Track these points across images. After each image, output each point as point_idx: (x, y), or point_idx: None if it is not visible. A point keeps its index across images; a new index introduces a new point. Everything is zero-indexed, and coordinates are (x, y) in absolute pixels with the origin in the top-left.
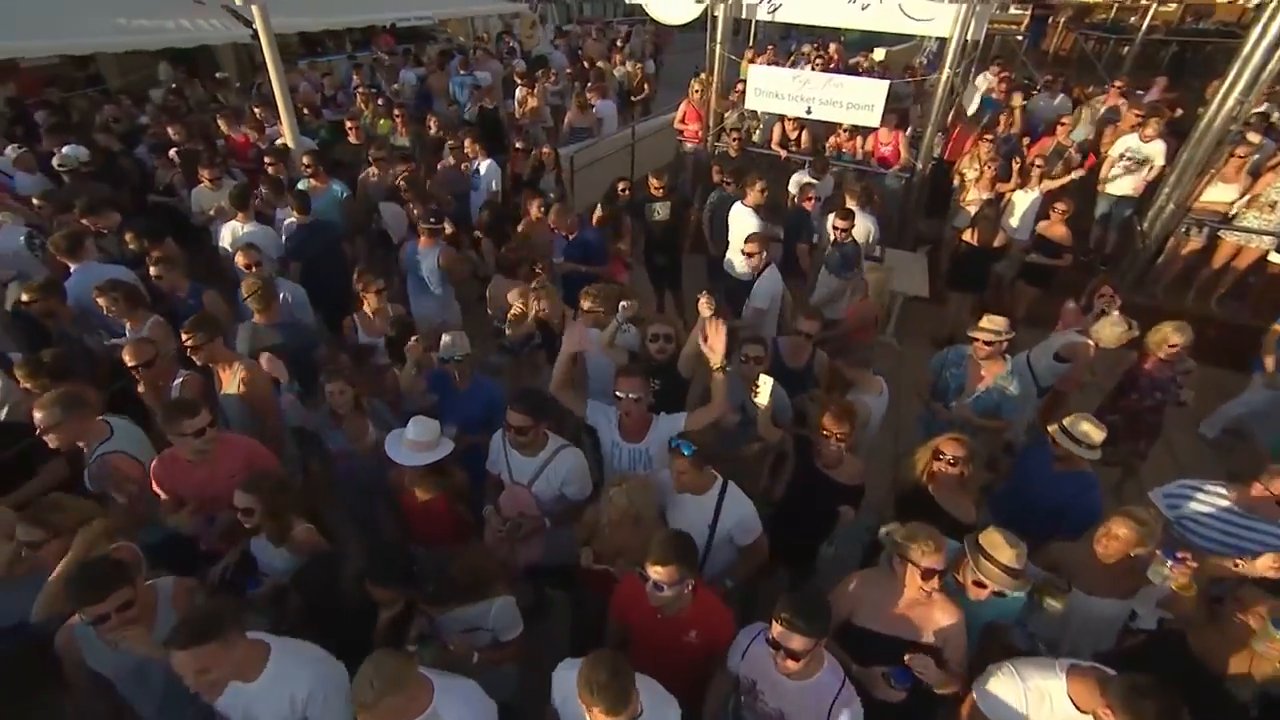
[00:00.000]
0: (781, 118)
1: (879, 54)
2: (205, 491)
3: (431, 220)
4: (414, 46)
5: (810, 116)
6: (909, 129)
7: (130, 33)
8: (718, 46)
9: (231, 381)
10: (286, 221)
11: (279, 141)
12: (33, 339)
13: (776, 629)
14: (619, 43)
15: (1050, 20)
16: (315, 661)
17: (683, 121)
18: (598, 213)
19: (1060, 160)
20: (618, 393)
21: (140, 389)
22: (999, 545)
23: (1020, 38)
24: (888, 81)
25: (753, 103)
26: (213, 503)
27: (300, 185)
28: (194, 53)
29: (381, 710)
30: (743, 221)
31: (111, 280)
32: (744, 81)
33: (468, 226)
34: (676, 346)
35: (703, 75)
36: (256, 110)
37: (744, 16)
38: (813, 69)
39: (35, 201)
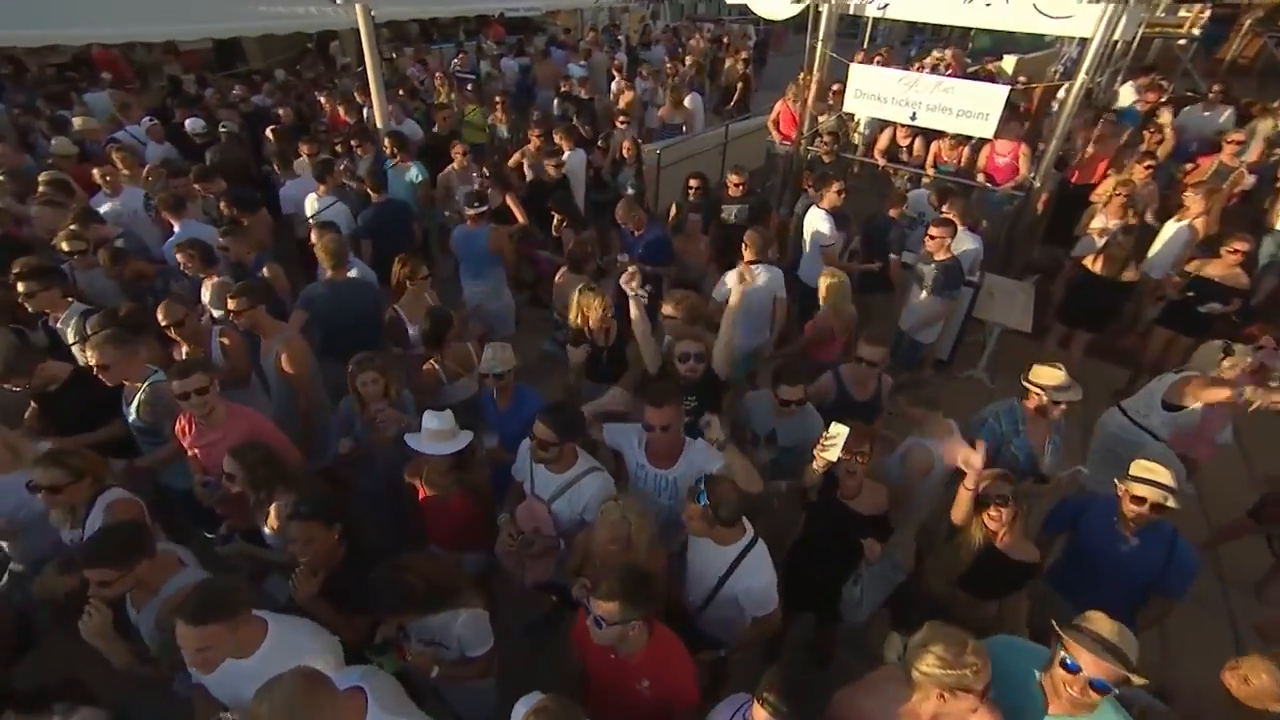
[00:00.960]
0: (893, 124)
1: (1009, 62)
2: (212, 455)
3: (475, 203)
4: (522, 37)
5: (914, 123)
6: (1037, 144)
7: (262, 18)
8: (819, 44)
9: (270, 350)
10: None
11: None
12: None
13: (759, 712)
14: (725, 40)
15: (1235, 23)
16: (313, 636)
17: (776, 122)
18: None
19: (1223, 183)
20: (649, 422)
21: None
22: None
23: (1186, 42)
24: (1006, 87)
25: (852, 105)
26: (217, 467)
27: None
28: (325, 37)
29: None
30: (814, 225)
31: (190, 239)
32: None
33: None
34: (708, 364)
35: (802, 75)
36: (357, 93)
37: (850, 13)
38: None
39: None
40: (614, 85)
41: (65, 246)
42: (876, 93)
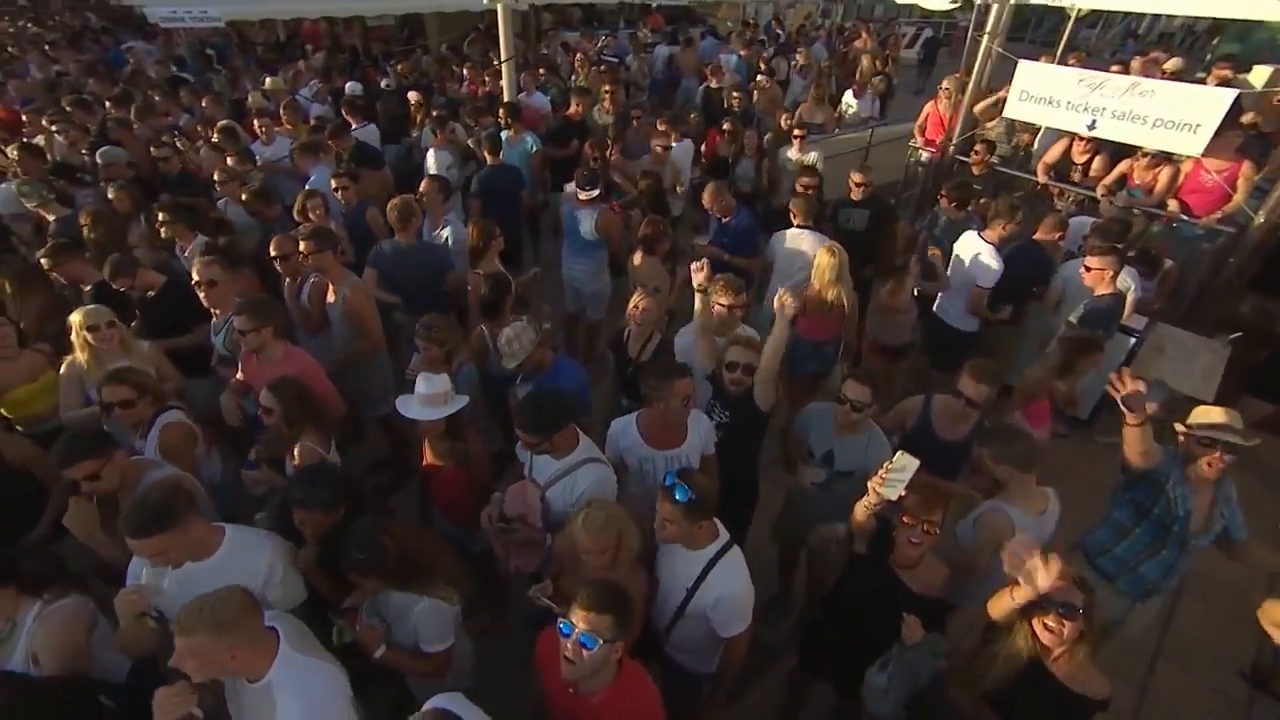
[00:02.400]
0: (1071, 135)
1: (1260, 74)
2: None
3: (588, 184)
4: (678, 26)
5: (1093, 133)
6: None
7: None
8: (984, 38)
9: (335, 293)
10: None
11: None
12: None
13: None
14: (891, 40)
15: None
16: (269, 543)
17: (923, 127)
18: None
19: None
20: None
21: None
22: None
23: None
24: (1232, 91)
25: (1015, 110)
26: None
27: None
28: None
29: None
30: (978, 259)
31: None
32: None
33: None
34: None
35: (957, 75)
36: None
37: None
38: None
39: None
40: (759, 79)
41: (217, 181)
42: (1047, 95)
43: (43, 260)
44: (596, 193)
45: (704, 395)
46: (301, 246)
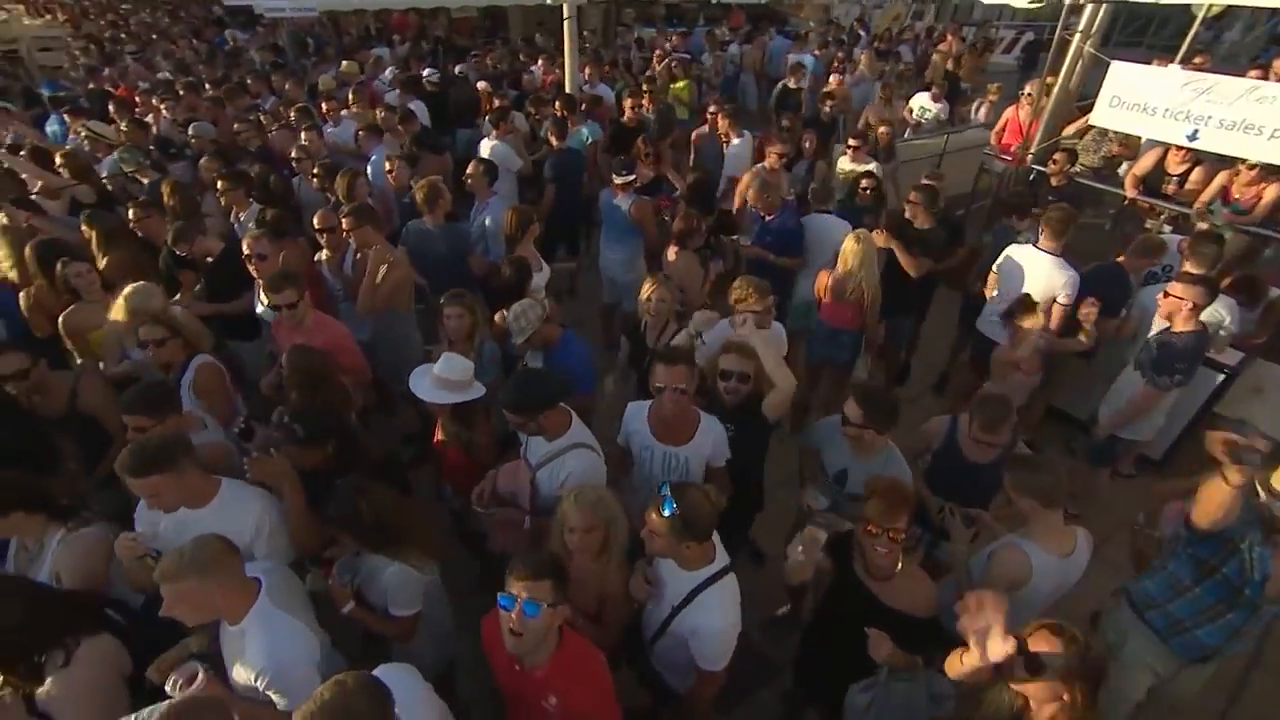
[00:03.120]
0: (1167, 145)
1: None
2: None
3: (624, 170)
4: (755, 26)
5: (1194, 145)
6: None
7: None
8: (1076, 38)
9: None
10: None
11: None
12: None
13: None
14: (980, 44)
15: None
16: (260, 497)
17: (1000, 133)
18: None
19: None
20: (655, 384)
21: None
22: None
23: None
24: None
25: (1102, 117)
26: None
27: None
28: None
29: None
30: (1032, 271)
31: (351, 168)
32: None
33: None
34: (755, 390)
35: (1043, 79)
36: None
37: None
38: None
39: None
40: (832, 79)
41: (293, 158)
42: (1142, 101)
43: (130, 214)
44: (632, 178)
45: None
46: (343, 222)
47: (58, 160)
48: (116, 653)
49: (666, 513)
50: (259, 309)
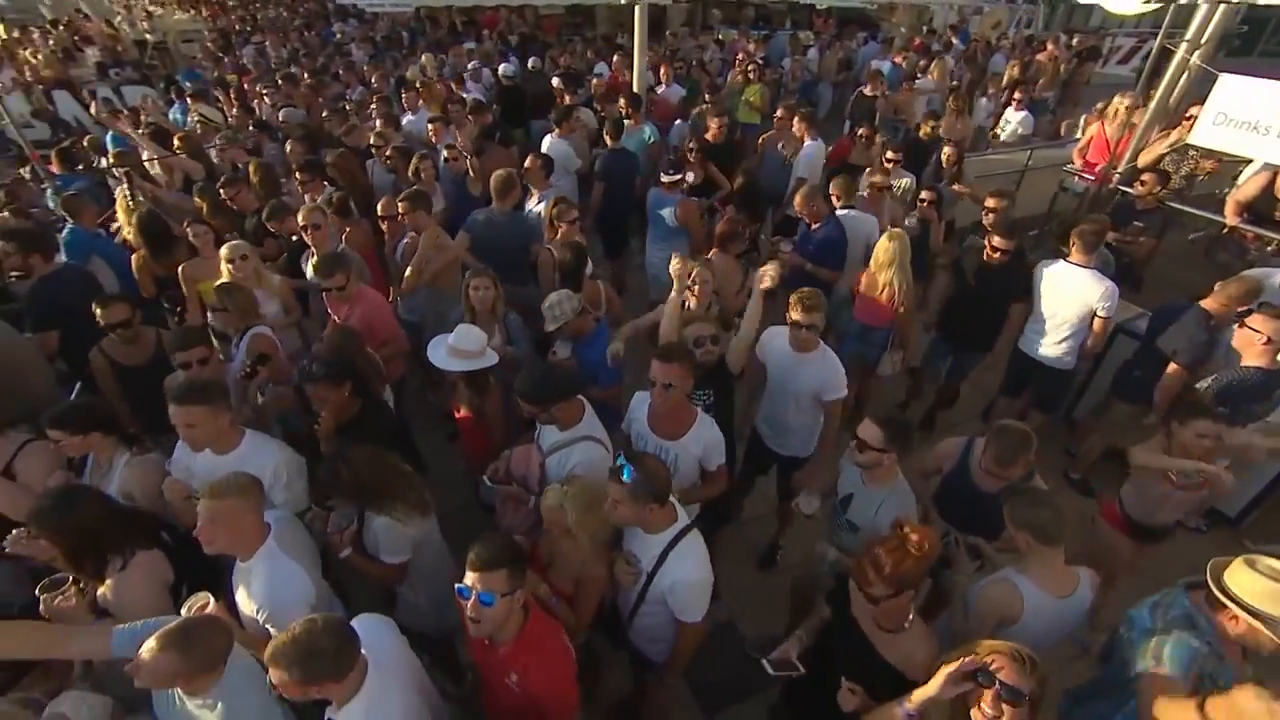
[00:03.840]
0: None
1: None
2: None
3: (670, 170)
4: (842, 31)
5: None
6: None
7: None
8: (1182, 47)
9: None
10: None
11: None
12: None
13: None
14: (1084, 54)
15: None
16: (279, 449)
17: (1084, 150)
18: None
19: None
20: (651, 376)
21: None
22: None
23: None
24: None
25: (1204, 136)
26: None
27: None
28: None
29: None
30: (1066, 286)
31: (423, 153)
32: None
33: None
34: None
35: (1130, 92)
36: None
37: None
38: None
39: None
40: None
41: (372, 144)
42: (1253, 119)
43: (222, 190)
44: (679, 178)
45: None
46: (400, 207)
47: (175, 142)
48: (163, 565)
49: (626, 478)
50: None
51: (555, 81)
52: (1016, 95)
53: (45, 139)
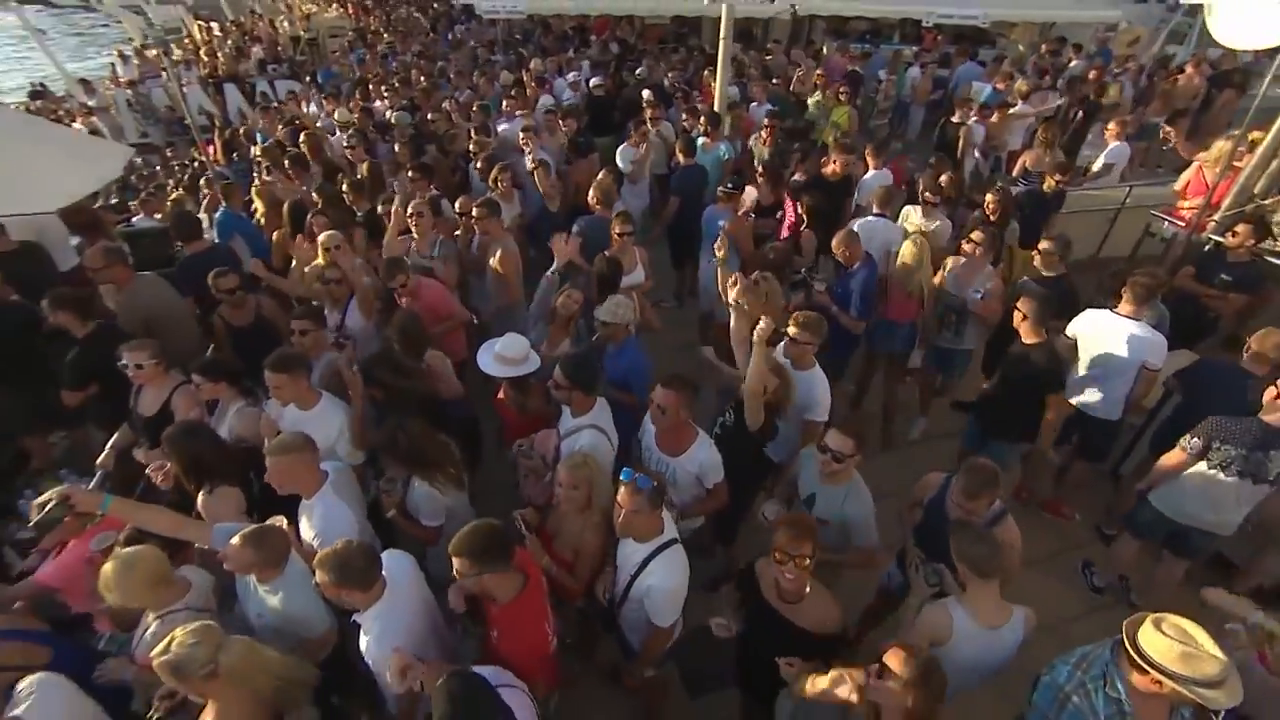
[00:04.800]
0: None
1: None
2: None
3: (729, 185)
4: (952, 50)
5: None
6: None
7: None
8: None
9: (493, 250)
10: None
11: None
12: None
13: None
14: (1237, 77)
15: None
16: (346, 411)
17: (1182, 193)
18: None
19: None
20: (651, 397)
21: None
22: None
23: None
24: None
25: None
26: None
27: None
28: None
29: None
30: (1111, 338)
31: (503, 164)
32: None
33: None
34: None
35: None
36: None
37: None
38: None
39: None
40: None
41: (471, 150)
42: None
43: (343, 185)
44: (735, 192)
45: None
46: (475, 213)
47: (301, 138)
48: (237, 499)
49: (643, 485)
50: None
51: (645, 94)
52: (1112, 126)
53: (204, 126)
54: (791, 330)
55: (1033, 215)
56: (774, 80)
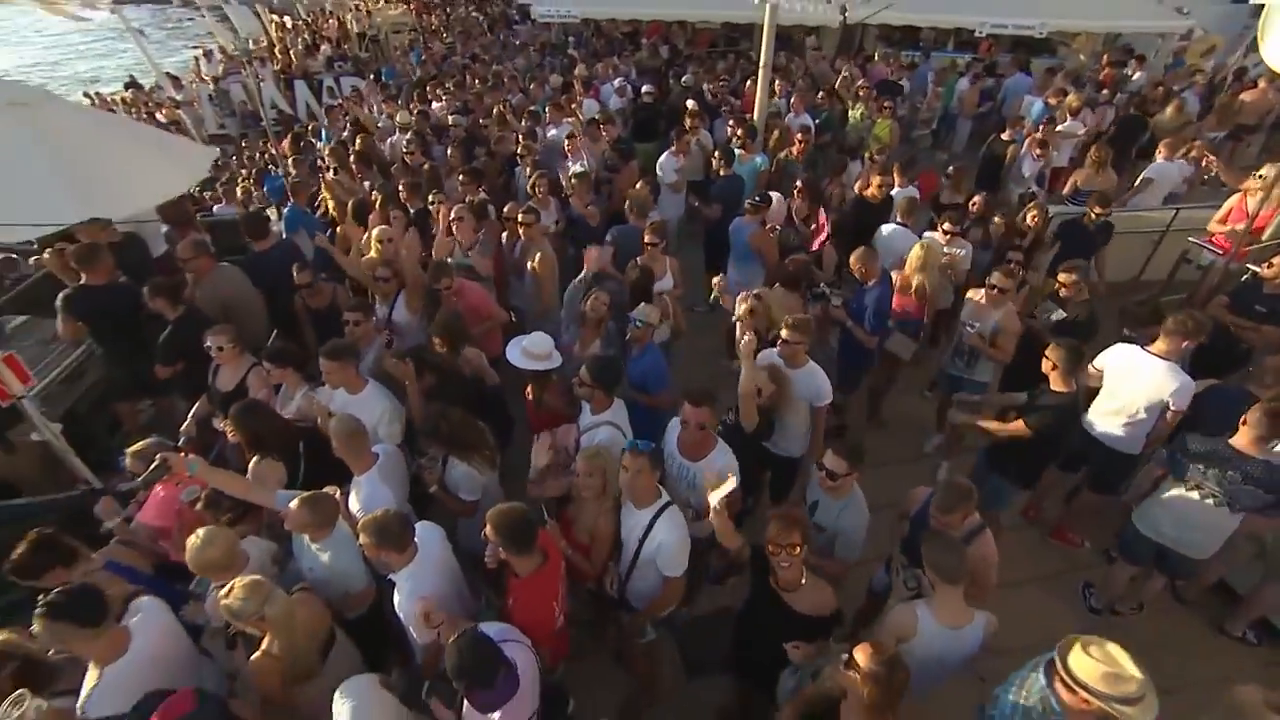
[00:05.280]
0: None
1: None
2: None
3: (757, 198)
4: (999, 59)
5: None
6: None
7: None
8: None
9: (530, 252)
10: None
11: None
12: None
13: None
14: None
15: None
16: (389, 397)
17: (1223, 220)
18: None
19: None
20: (684, 418)
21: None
22: None
23: None
24: None
25: None
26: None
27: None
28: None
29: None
30: (1141, 375)
31: (541, 172)
32: None
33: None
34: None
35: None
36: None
37: None
38: None
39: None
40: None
41: (518, 153)
42: None
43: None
44: (761, 204)
45: None
46: (520, 218)
47: (357, 141)
48: (279, 472)
49: (644, 448)
50: None
51: (690, 103)
52: (1162, 147)
53: (274, 120)
54: (783, 333)
55: (1072, 248)
56: (819, 92)
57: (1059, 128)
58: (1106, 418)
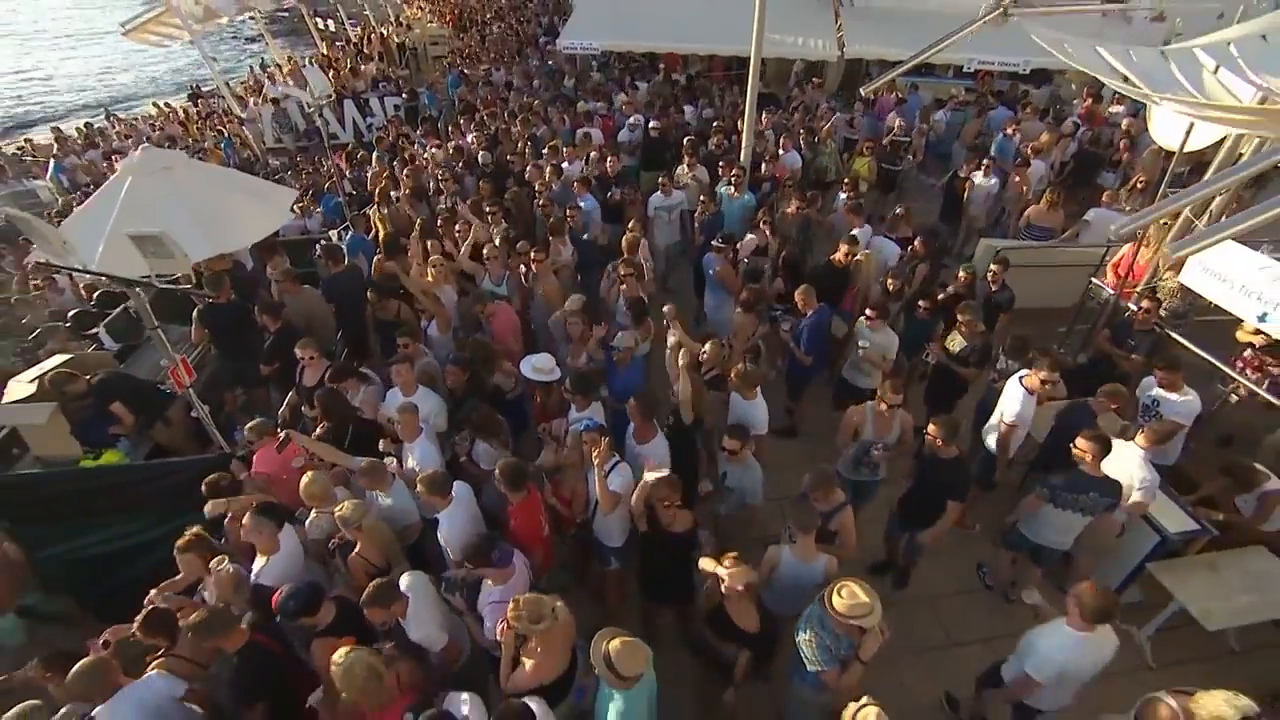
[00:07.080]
0: None
1: None
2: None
3: (721, 239)
4: (1006, 89)
5: (1262, 326)
6: None
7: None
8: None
9: (545, 279)
10: None
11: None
12: None
13: None
14: None
15: None
16: (434, 397)
17: (1114, 265)
18: None
19: None
20: (630, 414)
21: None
22: None
23: None
24: None
25: (1192, 277)
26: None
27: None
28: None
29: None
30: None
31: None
32: None
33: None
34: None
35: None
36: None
37: None
38: None
39: None
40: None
41: (544, 178)
42: (1220, 272)
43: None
44: (724, 246)
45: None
46: (531, 253)
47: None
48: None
49: (592, 427)
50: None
51: (686, 141)
52: (1106, 195)
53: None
54: (734, 379)
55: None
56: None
57: (1029, 168)
58: (989, 433)
